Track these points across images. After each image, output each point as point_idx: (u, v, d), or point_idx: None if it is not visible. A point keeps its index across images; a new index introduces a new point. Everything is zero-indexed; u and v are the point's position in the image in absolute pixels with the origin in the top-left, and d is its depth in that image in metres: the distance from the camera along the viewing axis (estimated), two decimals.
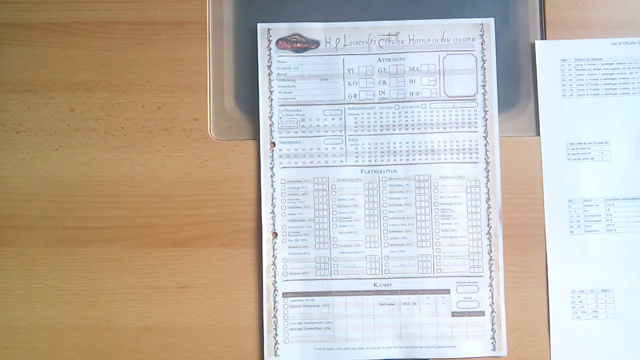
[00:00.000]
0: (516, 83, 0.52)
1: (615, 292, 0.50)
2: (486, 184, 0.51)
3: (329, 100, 0.51)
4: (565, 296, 0.50)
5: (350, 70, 0.51)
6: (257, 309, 0.50)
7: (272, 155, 0.51)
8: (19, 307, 0.50)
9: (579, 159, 0.51)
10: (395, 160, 0.51)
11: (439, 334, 0.50)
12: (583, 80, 0.51)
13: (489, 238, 0.50)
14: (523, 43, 0.52)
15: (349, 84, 0.51)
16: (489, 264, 0.50)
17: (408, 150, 0.51)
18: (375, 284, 0.50)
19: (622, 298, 0.50)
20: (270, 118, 0.51)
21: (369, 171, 0.51)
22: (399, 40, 0.51)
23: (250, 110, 0.52)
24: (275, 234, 0.50)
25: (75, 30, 0.51)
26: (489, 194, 0.51)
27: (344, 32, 0.52)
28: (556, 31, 0.52)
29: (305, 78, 0.51)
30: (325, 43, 0.52)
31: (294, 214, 0.51)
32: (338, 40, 0.52)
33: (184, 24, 0.51)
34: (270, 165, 0.51)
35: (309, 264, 0.50)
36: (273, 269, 0.50)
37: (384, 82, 0.51)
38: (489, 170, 0.51)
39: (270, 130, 0.51)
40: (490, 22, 0.51)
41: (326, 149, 0.51)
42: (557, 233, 0.50)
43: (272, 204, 0.51)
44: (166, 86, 0.51)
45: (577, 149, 0.51)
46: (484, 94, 0.51)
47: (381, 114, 0.51)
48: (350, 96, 0.51)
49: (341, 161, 0.51)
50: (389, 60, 0.51)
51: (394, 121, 0.51)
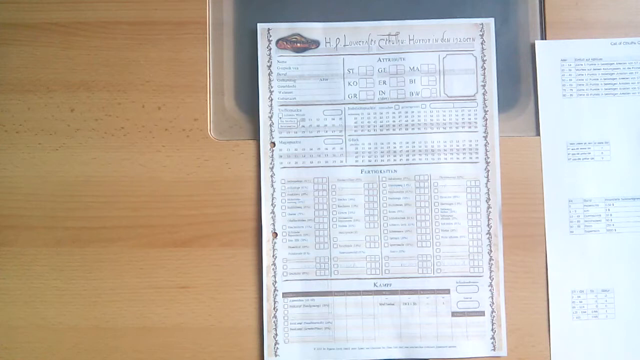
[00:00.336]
0: (516, 83, 0.52)
1: (615, 292, 0.50)
2: (486, 184, 0.51)
3: (329, 100, 0.51)
4: (565, 296, 0.50)
5: (350, 70, 0.51)
6: (257, 309, 0.50)
7: (272, 155, 0.51)
8: (19, 307, 0.50)
9: (579, 159, 0.51)
10: (395, 160, 0.51)
11: (439, 334, 0.50)
12: (583, 80, 0.51)
13: (489, 238, 0.50)
14: (523, 43, 0.52)
15: (349, 84, 0.51)
16: (489, 264, 0.50)
17: (408, 150, 0.51)
18: (375, 284, 0.50)
19: (622, 298, 0.50)
20: (270, 118, 0.51)
21: (369, 171, 0.51)
22: (399, 40, 0.51)
23: (250, 110, 0.52)
24: (275, 234, 0.50)
25: (75, 30, 0.51)
26: (489, 194, 0.51)
27: (344, 32, 0.52)
28: (556, 31, 0.52)
29: (305, 78, 0.51)
30: (325, 43, 0.52)
31: (294, 214, 0.51)
32: (338, 40, 0.52)
33: (184, 24, 0.51)
34: (270, 165, 0.51)
35: (309, 264, 0.50)
36: (273, 269, 0.50)
37: (384, 82, 0.51)
38: (489, 170, 0.51)
39: (270, 130, 0.51)
40: (490, 22, 0.51)
41: (326, 149, 0.51)
42: (557, 233, 0.50)
43: (272, 204, 0.51)
44: (166, 86, 0.51)
45: (577, 149, 0.51)
46: (484, 94, 0.51)
47: (381, 114, 0.51)
48: (350, 96, 0.51)
49: (341, 161, 0.51)
50: (389, 60, 0.51)
51: (394, 121, 0.51)
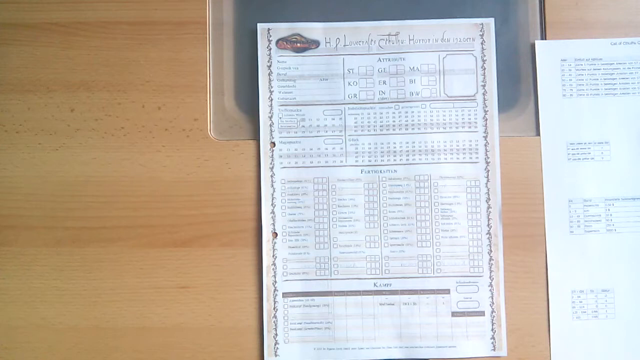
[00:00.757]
0: (516, 83, 0.52)
1: (615, 292, 0.50)
2: (486, 184, 0.51)
3: (329, 100, 0.51)
4: (565, 296, 0.50)
5: (350, 70, 0.51)
6: (257, 309, 0.50)
7: (272, 155, 0.51)
8: (19, 307, 0.50)
9: (579, 159, 0.51)
10: (395, 160, 0.51)
11: (439, 334, 0.50)
12: (583, 80, 0.51)
13: (489, 238, 0.50)
14: (523, 43, 0.52)
15: (349, 84, 0.51)
16: (489, 264, 0.50)
17: (408, 150, 0.51)
18: (375, 284, 0.50)
19: (622, 298, 0.50)
20: (270, 118, 0.51)
21: (369, 171, 0.51)
22: (399, 40, 0.51)
23: (250, 110, 0.52)
24: (275, 234, 0.50)
25: (75, 30, 0.51)
26: (489, 194, 0.51)
27: (344, 32, 0.52)
28: (556, 31, 0.52)
29: (305, 78, 0.51)
30: (325, 43, 0.52)
31: (294, 214, 0.51)
32: (338, 40, 0.52)
33: (184, 24, 0.51)
34: (270, 165, 0.51)
35: (309, 264, 0.50)
36: (273, 269, 0.50)
37: (384, 82, 0.51)
38: (489, 170, 0.51)
39: (270, 130, 0.51)
40: (490, 22, 0.51)
41: (326, 149, 0.51)
42: (557, 233, 0.50)
43: (272, 204, 0.51)
44: (166, 86, 0.51)
45: (577, 149, 0.51)
46: (484, 94, 0.51)
47: (381, 114, 0.51)
48: (350, 96, 0.51)
49: (341, 161, 0.51)
50: (389, 60, 0.51)
51: (394, 121, 0.51)
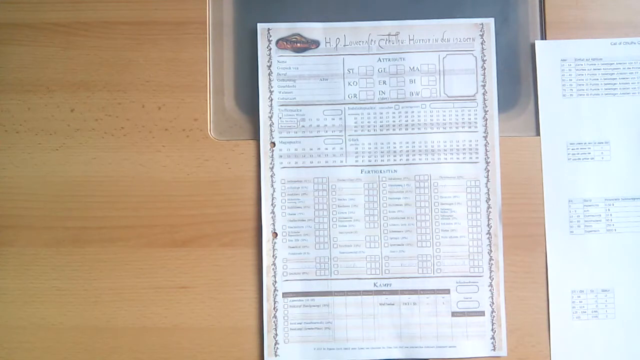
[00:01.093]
0: (516, 83, 0.52)
1: (615, 292, 0.50)
2: (486, 184, 0.51)
3: (329, 100, 0.51)
4: (565, 296, 0.50)
5: (350, 70, 0.51)
6: (257, 309, 0.50)
7: (272, 155, 0.51)
8: (19, 307, 0.50)
9: (579, 159, 0.51)
10: (395, 160, 0.51)
11: (439, 334, 0.50)
12: (583, 80, 0.51)
13: (489, 238, 0.50)
14: (523, 43, 0.52)
15: (349, 84, 0.51)
16: (489, 264, 0.50)
17: (408, 150, 0.51)
18: (375, 284, 0.50)
19: (622, 298, 0.50)
20: (270, 118, 0.51)
21: (369, 171, 0.51)
22: (399, 40, 0.51)
23: (250, 110, 0.52)
24: (275, 234, 0.50)
25: (75, 30, 0.51)
26: (489, 194, 0.51)
27: (344, 32, 0.52)
28: (556, 31, 0.52)
29: (305, 78, 0.51)
30: (325, 43, 0.52)
31: (294, 214, 0.51)
32: (338, 40, 0.52)
33: (184, 24, 0.51)
34: (270, 165, 0.51)
35: (309, 264, 0.50)
36: (273, 269, 0.50)
37: (384, 82, 0.51)
38: (489, 170, 0.51)
39: (270, 130, 0.51)
40: (490, 22, 0.51)
41: (326, 149, 0.51)
42: (557, 233, 0.50)
43: (272, 204, 0.51)
44: (166, 86, 0.51)
45: (577, 149, 0.51)
46: (484, 94, 0.51)
47: (381, 114, 0.51)
48: (350, 96, 0.51)
49: (341, 161, 0.51)
50: (389, 60, 0.51)
51: (394, 121, 0.51)
